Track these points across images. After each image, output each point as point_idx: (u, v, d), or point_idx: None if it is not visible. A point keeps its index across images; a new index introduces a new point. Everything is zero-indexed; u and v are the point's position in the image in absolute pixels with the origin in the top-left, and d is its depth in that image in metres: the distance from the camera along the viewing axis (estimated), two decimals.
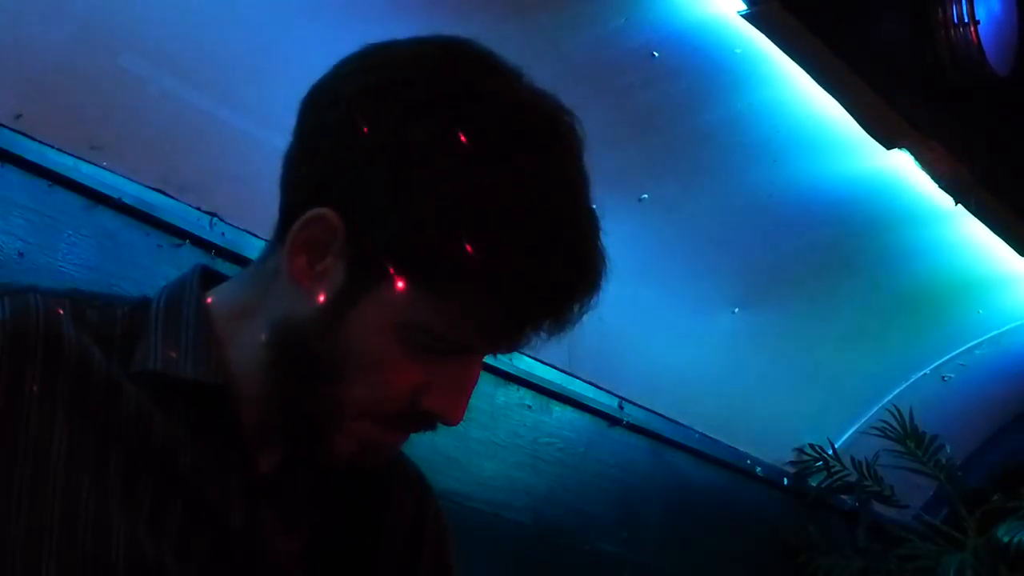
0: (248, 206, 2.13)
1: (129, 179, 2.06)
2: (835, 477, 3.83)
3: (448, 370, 1.08)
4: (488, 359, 1.14)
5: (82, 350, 1.08)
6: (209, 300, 1.15)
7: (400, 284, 1.04)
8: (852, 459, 3.82)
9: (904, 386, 3.92)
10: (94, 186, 2.01)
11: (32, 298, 1.09)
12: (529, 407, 2.91)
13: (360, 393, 1.07)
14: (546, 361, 2.91)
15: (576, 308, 1.07)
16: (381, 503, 1.22)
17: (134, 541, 1.04)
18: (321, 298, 1.06)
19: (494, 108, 1.05)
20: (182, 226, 2.14)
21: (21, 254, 1.92)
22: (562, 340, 1.11)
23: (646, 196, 2.74)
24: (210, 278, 1.18)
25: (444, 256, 1.02)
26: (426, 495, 1.29)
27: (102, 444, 1.06)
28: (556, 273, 1.04)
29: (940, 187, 3.05)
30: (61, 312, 1.09)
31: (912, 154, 2.90)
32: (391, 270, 1.04)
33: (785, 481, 3.80)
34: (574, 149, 1.07)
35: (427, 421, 1.10)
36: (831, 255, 3.27)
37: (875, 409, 3.91)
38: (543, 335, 1.09)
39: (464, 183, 1.02)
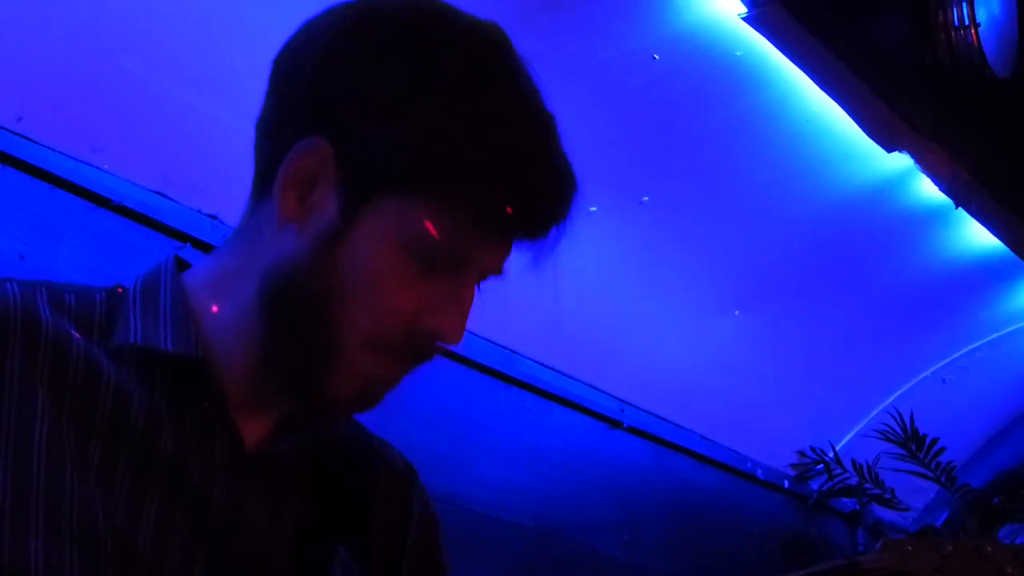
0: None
1: (130, 181, 2.07)
2: (836, 480, 3.83)
3: (445, 288, 1.10)
4: (488, 362, 1.15)
5: (60, 333, 1.09)
6: (185, 277, 1.18)
7: (392, 202, 1.07)
8: (853, 462, 3.83)
9: (905, 389, 3.92)
10: (95, 188, 2.02)
11: (8, 286, 1.11)
12: (529, 410, 2.91)
13: (360, 317, 1.08)
14: (546, 363, 2.92)
15: (557, 210, 1.11)
16: (369, 491, 1.23)
17: (115, 519, 1.05)
18: (316, 230, 1.09)
19: (460, 34, 1.11)
20: (183, 228, 2.14)
21: (22, 256, 1.92)
22: (562, 341, 1.12)
23: (647, 198, 2.74)
24: (184, 265, 1.21)
25: (434, 165, 1.06)
26: (413, 486, 1.30)
27: (83, 423, 1.07)
28: (535, 179, 1.09)
29: (940, 189, 3.06)
30: (37, 298, 1.11)
31: (912, 156, 2.91)
32: (383, 189, 1.07)
33: (786, 484, 3.81)
34: (525, 68, 1.13)
35: (426, 345, 1.12)
36: (832, 257, 3.27)
37: (876, 412, 3.91)
38: (530, 243, 1.12)
39: (442, 102, 1.06)
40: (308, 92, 1.10)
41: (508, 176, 1.07)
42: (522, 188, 1.08)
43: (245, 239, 1.15)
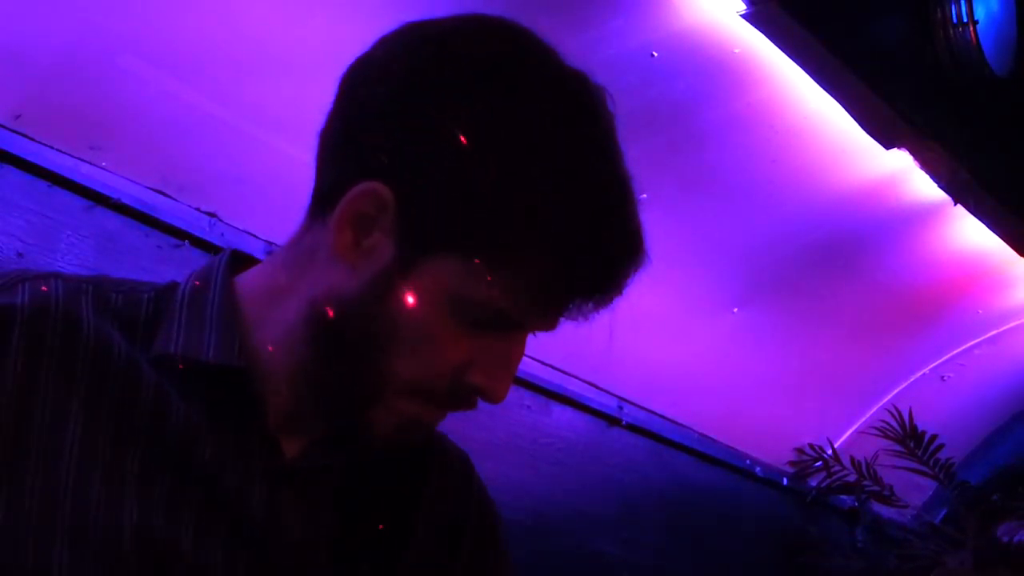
0: (248, 206, 2.13)
1: (129, 179, 2.06)
2: (834, 477, 3.83)
3: (494, 346, 1.08)
4: None
5: (101, 335, 1.08)
6: (237, 282, 1.15)
7: (449, 259, 1.04)
8: (851, 459, 3.83)
9: (903, 386, 3.92)
10: (93, 186, 2.01)
11: (52, 283, 1.09)
12: (528, 407, 2.91)
13: (405, 368, 1.07)
14: (545, 361, 2.91)
15: (624, 282, 1.09)
16: (417, 490, 1.21)
17: (147, 527, 1.04)
18: (369, 274, 1.06)
19: (547, 82, 1.06)
20: (182, 226, 2.13)
21: (20, 255, 1.92)
22: (560, 338, 1.12)
23: (645, 196, 2.73)
24: (241, 261, 1.18)
25: (496, 230, 1.03)
26: (469, 481, 1.28)
27: (119, 430, 1.06)
28: (608, 247, 1.06)
29: (939, 187, 3.06)
30: (81, 297, 1.09)
31: (911, 154, 2.90)
32: (441, 244, 1.04)
33: (784, 481, 3.81)
34: (613, 126, 1.10)
35: (468, 398, 1.10)
36: (830, 255, 3.27)
37: (874, 409, 3.91)
38: (588, 309, 1.10)
39: (518, 159, 1.02)
40: (375, 128, 1.07)
41: (570, 251, 1.04)
42: (586, 264, 1.05)
43: (299, 255, 1.13)
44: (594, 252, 1.05)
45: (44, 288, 1.08)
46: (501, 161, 1.02)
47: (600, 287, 1.08)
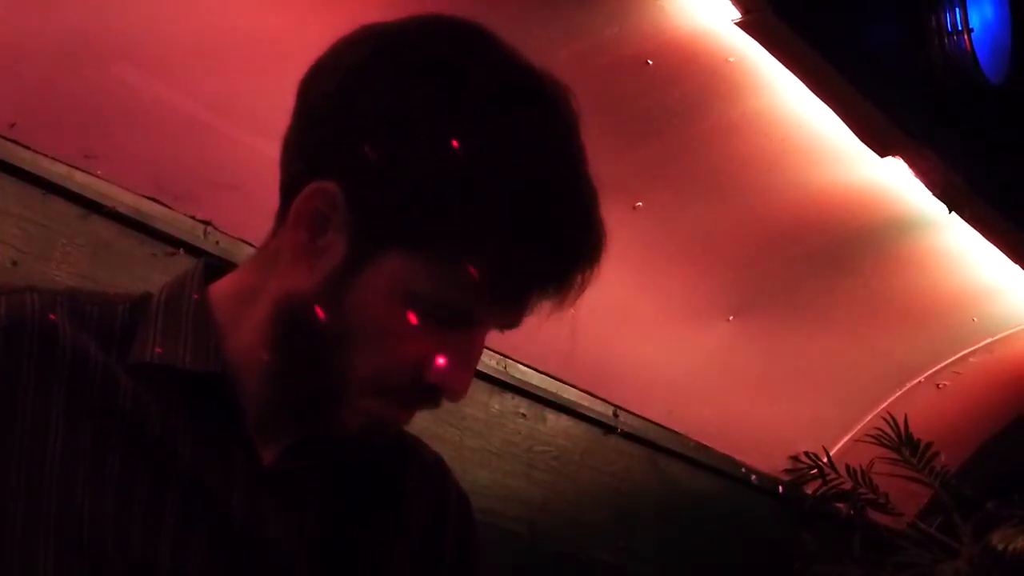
0: (242, 214, 2.13)
1: (123, 188, 2.06)
2: (830, 485, 3.83)
3: (452, 342, 1.07)
4: (482, 367, 1.14)
5: (78, 346, 1.08)
6: (211, 290, 1.15)
7: (402, 254, 1.04)
8: (847, 467, 3.83)
9: (899, 394, 3.92)
10: (88, 195, 2.01)
11: (28, 297, 1.10)
12: (524, 415, 2.91)
13: (364, 365, 1.06)
14: (541, 369, 2.92)
15: (579, 276, 1.06)
16: (396, 493, 1.21)
17: (130, 534, 1.05)
18: (323, 272, 1.06)
19: (492, 75, 1.05)
20: (176, 235, 2.14)
21: (15, 263, 1.92)
22: (556, 346, 1.11)
23: (640, 204, 2.74)
24: (214, 271, 1.18)
25: (445, 223, 1.02)
26: (445, 481, 1.28)
27: (99, 439, 1.06)
28: (559, 239, 1.04)
29: (934, 195, 3.06)
30: (57, 310, 1.10)
31: (906, 162, 2.91)
32: (392, 239, 1.04)
33: (780, 489, 3.81)
34: (572, 118, 1.08)
35: (431, 396, 1.10)
36: (825, 263, 3.27)
37: (870, 417, 3.91)
38: (545, 305, 1.08)
39: (464, 150, 1.02)
40: (324, 126, 1.07)
41: (522, 242, 1.03)
42: (536, 252, 1.03)
43: (266, 258, 1.13)
44: (543, 238, 1.03)
45: (20, 302, 1.09)
46: (441, 154, 1.02)
47: (554, 275, 1.06)
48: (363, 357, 1.06)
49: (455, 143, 1.02)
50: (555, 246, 1.04)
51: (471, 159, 1.02)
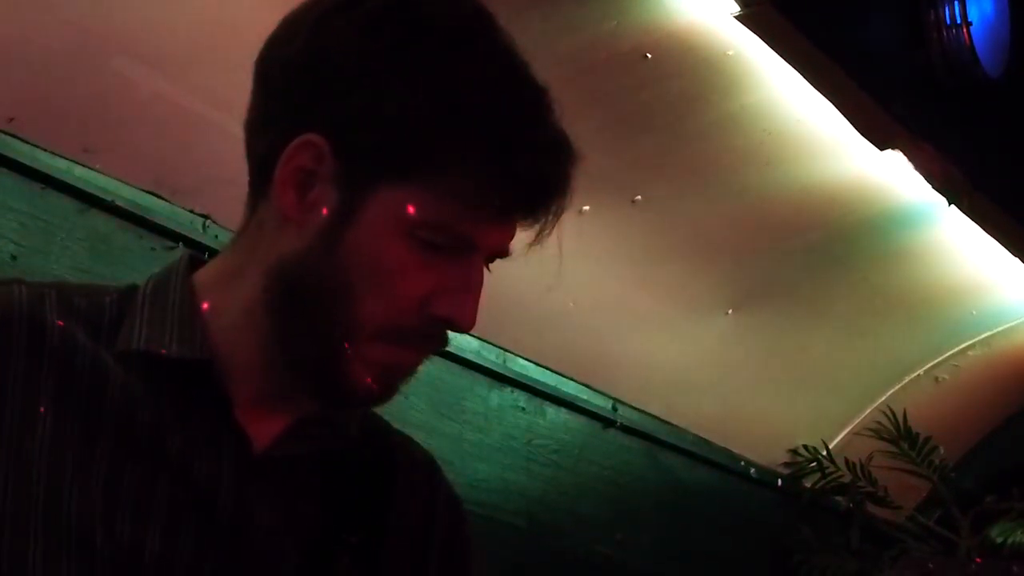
0: (241, 208, 2.12)
1: (122, 182, 2.06)
2: (829, 478, 3.84)
3: (453, 272, 1.09)
4: (481, 361, 1.15)
5: (66, 336, 1.09)
6: (195, 277, 1.16)
7: (391, 188, 1.06)
8: (846, 460, 3.83)
9: (898, 387, 3.92)
10: (87, 189, 2.02)
11: (15, 288, 1.11)
12: (523, 409, 2.92)
13: (370, 311, 1.07)
14: (540, 362, 2.92)
15: (559, 180, 1.09)
16: (386, 489, 1.22)
17: (119, 523, 1.05)
18: (317, 227, 1.08)
19: (449, 8, 1.11)
20: (175, 229, 2.14)
21: (14, 257, 1.92)
22: (555, 340, 1.12)
23: (639, 198, 2.74)
24: (198, 264, 1.19)
25: (427, 149, 1.06)
26: (436, 477, 1.28)
27: (87, 429, 1.07)
28: (534, 144, 1.08)
29: (933, 188, 3.06)
30: (45, 301, 1.11)
31: (905, 155, 2.91)
32: (380, 176, 1.07)
33: (779, 482, 3.81)
34: (511, 40, 1.13)
35: (439, 332, 1.11)
36: (824, 256, 3.27)
37: (869, 410, 3.91)
38: (532, 222, 1.11)
39: (435, 79, 1.06)
40: (296, 86, 1.09)
41: (501, 154, 1.06)
42: (516, 165, 1.07)
43: (248, 237, 1.14)
44: (516, 161, 1.06)
45: (7, 294, 1.10)
46: (413, 87, 1.05)
47: (539, 186, 1.09)
48: (369, 303, 1.07)
49: (426, 75, 1.06)
50: (536, 155, 1.08)
51: (443, 86, 1.06)
